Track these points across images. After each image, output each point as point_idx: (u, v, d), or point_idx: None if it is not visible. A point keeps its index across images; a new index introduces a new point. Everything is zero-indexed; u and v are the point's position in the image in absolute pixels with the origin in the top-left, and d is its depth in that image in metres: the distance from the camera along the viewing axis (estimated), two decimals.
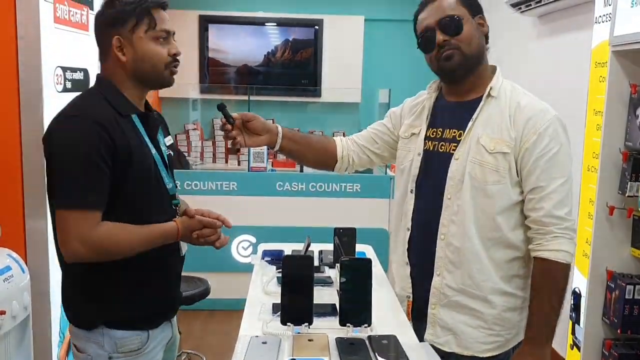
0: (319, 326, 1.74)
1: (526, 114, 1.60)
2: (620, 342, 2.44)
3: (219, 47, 6.03)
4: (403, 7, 6.14)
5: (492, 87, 1.66)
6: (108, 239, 1.52)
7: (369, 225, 4.22)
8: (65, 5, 2.35)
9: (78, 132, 1.50)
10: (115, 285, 1.61)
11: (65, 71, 2.35)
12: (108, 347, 1.60)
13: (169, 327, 1.78)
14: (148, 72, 1.62)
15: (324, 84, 6.06)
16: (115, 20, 1.58)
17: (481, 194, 1.62)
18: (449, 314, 1.70)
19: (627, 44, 2.25)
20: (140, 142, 1.61)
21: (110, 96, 1.59)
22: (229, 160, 5.98)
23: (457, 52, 1.63)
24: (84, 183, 1.49)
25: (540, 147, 1.58)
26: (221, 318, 4.25)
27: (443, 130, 1.72)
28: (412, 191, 1.77)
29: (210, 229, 1.71)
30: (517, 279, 1.70)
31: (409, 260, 1.78)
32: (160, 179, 1.68)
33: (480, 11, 1.69)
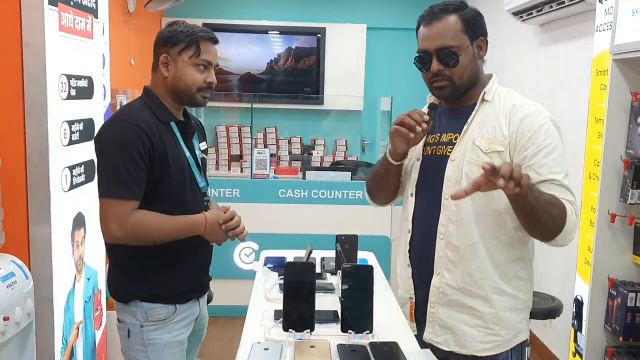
0: (321, 333, 1.74)
1: (521, 113, 1.65)
2: (623, 350, 2.43)
3: (222, 55, 6.02)
4: (405, 15, 6.18)
5: (485, 92, 1.71)
6: (141, 224, 1.80)
7: (371, 233, 4.23)
8: (70, 13, 2.37)
9: (122, 133, 1.80)
10: (148, 268, 1.89)
11: (70, 79, 2.37)
12: (140, 316, 1.89)
13: (197, 306, 2.03)
14: (182, 90, 1.90)
15: (327, 91, 6.08)
16: (168, 40, 1.88)
17: (480, 194, 1.60)
18: (448, 313, 1.72)
19: (628, 52, 2.26)
20: (176, 146, 1.90)
21: (153, 106, 1.90)
22: (232, 167, 6.00)
23: (449, 83, 1.68)
24: (123, 176, 1.77)
25: (536, 143, 1.61)
26: (223, 324, 4.24)
27: (440, 135, 1.77)
28: (412, 194, 1.81)
29: (235, 220, 1.93)
30: (517, 281, 1.72)
31: (410, 262, 1.81)
32: (193, 178, 1.95)
33: (482, 33, 1.70)
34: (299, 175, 4.98)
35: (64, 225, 2.34)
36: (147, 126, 1.82)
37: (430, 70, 1.68)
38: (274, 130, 6.09)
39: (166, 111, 1.92)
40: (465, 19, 1.67)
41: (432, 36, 1.66)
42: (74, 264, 2.46)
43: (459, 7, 1.68)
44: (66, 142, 2.32)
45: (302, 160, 5.93)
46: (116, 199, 1.79)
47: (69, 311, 2.42)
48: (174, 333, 1.92)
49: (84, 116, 2.50)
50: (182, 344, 1.96)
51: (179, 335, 1.94)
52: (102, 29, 2.80)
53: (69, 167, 2.35)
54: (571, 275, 2.80)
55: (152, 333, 1.90)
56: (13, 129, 2.16)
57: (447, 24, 1.66)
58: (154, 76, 1.94)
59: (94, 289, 2.74)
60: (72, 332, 2.46)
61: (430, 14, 1.69)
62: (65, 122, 2.32)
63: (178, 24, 1.91)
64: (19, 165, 2.18)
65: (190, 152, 1.96)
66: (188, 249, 1.93)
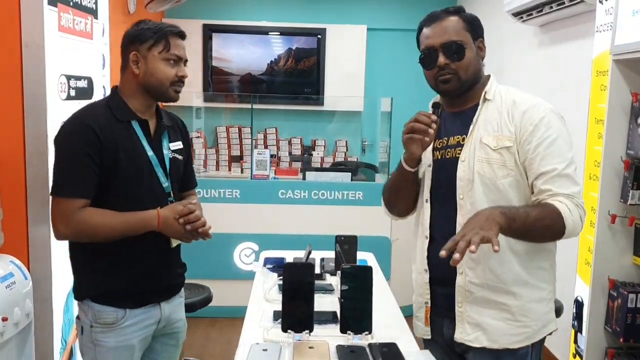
0: (320, 333, 1.74)
1: (522, 108, 1.69)
2: (623, 351, 2.43)
3: (222, 55, 6.05)
4: (405, 16, 6.18)
5: (486, 91, 1.75)
6: (87, 221, 1.79)
7: (371, 233, 4.22)
8: (70, 14, 2.37)
9: (71, 132, 1.82)
10: (98, 268, 1.88)
11: (70, 79, 2.37)
12: (90, 317, 1.87)
13: (156, 310, 1.95)
14: (155, 86, 1.89)
15: (327, 92, 6.07)
16: (136, 38, 1.88)
17: (494, 190, 1.67)
18: (476, 310, 1.71)
19: (628, 52, 2.26)
20: (133, 144, 1.88)
21: (113, 105, 1.89)
22: (232, 168, 5.99)
23: (455, 77, 1.71)
24: (70, 174, 1.80)
25: (537, 136, 1.65)
26: (223, 325, 4.24)
27: (447, 139, 1.79)
28: (427, 200, 1.82)
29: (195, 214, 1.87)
30: (541, 271, 1.74)
31: (428, 267, 1.82)
32: (155, 177, 1.92)
33: (481, 34, 1.77)
34: (299, 176, 4.97)
35: None
36: (98, 125, 1.81)
37: (436, 65, 1.71)
38: (274, 131, 6.08)
39: (126, 110, 1.89)
40: (466, 19, 1.74)
41: (437, 33, 1.72)
42: None
43: (458, 10, 1.76)
44: None
45: (302, 161, 5.92)
46: (63, 197, 1.79)
47: (68, 311, 2.42)
48: (121, 338, 1.87)
49: None
50: (130, 348, 1.89)
51: (128, 340, 1.88)
52: (102, 30, 2.80)
53: None
54: (571, 276, 2.79)
55: (100, 335, 1.87)
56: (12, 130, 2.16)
57: (450, 22, 1.72)
58: (123, 76, 1.93)
59: None
60: (71, 333, 2.46)
61: (432, 17, 1.75)
62: None
63: (144, 22, 1.91)
64: (18, 165, 2.18)
65: (155, 151, 1.92)
66: (140, 250, 1.88)
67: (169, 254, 1.97)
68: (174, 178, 1.98)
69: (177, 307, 2.05)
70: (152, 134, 1.94)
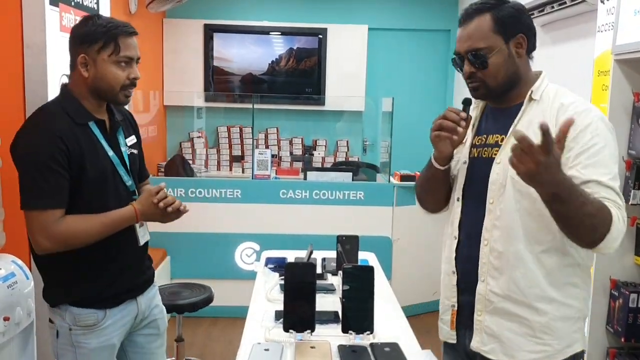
0: (321, 333, 1.74)
1: (569, 113, 1.55)
2: (624, 351, 2.42)
3: (223, 55, 6.06)
4: (406, 16, 6.19)
5: (533, 91, 1.63)
6: (69, 231, 1.76)
7: (372, 233, 4.23)
8: (71, 13, 2.37)
9: (36, 142, 1.73)
10: (73, 273, 1.85)
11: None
12: (69, 320, 1.85)
13: (133, 305, 1.97)
14: (104, 90, 1.82)
15: (328, 92, 6.07)
16: (84, 39, 1.79)
17: (526, 198, 1.56)
18: (495, 321, 1.62)
19: (629, 52, 2.26)
20: (95, 147, 1.83)
21: (69, 107, 1.82)
22: (233, 167, 6.00)
23: (482, 85, 1.63)
24: (43, 186, 1.73)
25: (581, 143, 1.51)
26: (224, 325, 4.24)
27: (487, 137, 1.70)
28: (458, 199, 1.74)
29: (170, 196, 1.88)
30: (571, 288, 1.60)
31: (455, 269, 1.73)
32: (118, 177, 1.89)
33: (521, 29, 1.62)
34: (300, 176, 4.97)
35: None
36: (61, 131, 1.75)
37: (463, 72, 1.64)
38: (275, 130, 6.09)
39: (83, 112, 1.83)
40: (498, 18, 1.59)
41: (463, 38, 1.63)
42: None
43: (494, 5, 1.61)
44: None
45: (303, 160, 5.92)
46: (39, 210, 1.73)
47: None
48: (102, 338, 1.88)
49: None
50: (112, 347, 1.91)
51: (109, 340, 1.89)
52: None
53: None
54: None
55: (81, 337, 1.85)
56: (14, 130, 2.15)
57: (477, 25, 1.60)
58: (72, 75, 1.86)
59: None
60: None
61: (465, 15, 1.64)
62: None
63: (93, 20, 1.80)
64: None
65: (114, 150, 1.89)
66: (112, 251, 1.88)
67: (139, 251, 1.98)
68: (134, 174, 1.97)
69: (152, 297, 2.07)
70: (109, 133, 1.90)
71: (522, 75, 1.64)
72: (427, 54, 6.19)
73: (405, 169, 4.65)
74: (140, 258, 2.01)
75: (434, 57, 6.19)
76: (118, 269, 1.91)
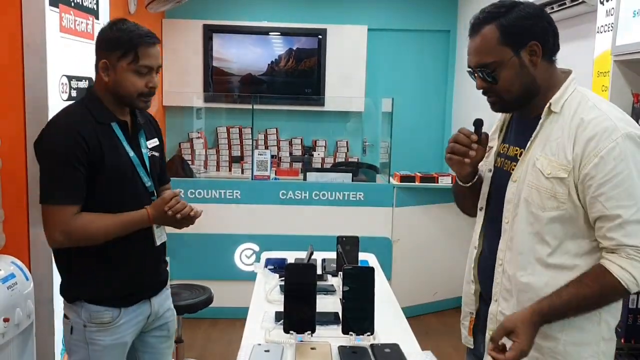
0: (322, 334, 1.74)
1: (588, 132, 1.43)
2: (624, 352, 2.42)
3: (223, 56, 6.05)
4: (406, 17, 6.18)
5: (552, 102, 1.52)
6: (83, 228, 1.80)
7: (372, 234, 4.23)
8: (71, 14, 2.37)
9: (58, 140, 1.79)
10: (91, 271, 1.88)
11: (71, 80, 2.37)
12: (84, 317, 1.88)
13: (146, 305, 2.00)
14: (123, 96, 1.87)
15: (328, 93, 6.07)
16: (106, 45, 1.85)
17: (539, 221, 1.50)
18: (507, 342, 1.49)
19: (629, 53, 2.26)
20: (116, 146, 1.88)
21: (92, 107, 1.87)
22: (233, 168, 5.99)
23: (498, 99, 1.56)
24: (62, 182, 1.78)
25: (604, 172, 1.40)
26: (224, 326, 4.24)
27: (509, 147, 1.65)
28: (481, 209, 1.71)
29: (181, 203, 1.90)
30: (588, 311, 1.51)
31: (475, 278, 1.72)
32: (137, 177, 1.93)
33: (531, 38, 1.51)
34: (300, 177, 4.97)
35: None
36: (82, 129, 1.80)
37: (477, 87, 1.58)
38: (274, 131, 6.08)
39: (106, 112, 1.89)
40: (504, 28, 1.49)
41: (471, 52, 1.56)
42: None
43: (500, 14, 1.51)
44: None
45: (303, 161, 5.92)
46: (57, 205, 1.79)
47: None
48: (116, 336, 1.91)
49: None
50: (124, 345, 1.95)
51: (122, 338, 1.93)
52: None
53: None
54: None
55: (95, 334, 1.89)
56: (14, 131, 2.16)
57: (483, 39, 1.52)
58: (96, 77, 1.91)
59: None
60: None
61: (471, 27, 1.56)
62: None
63: (117, 25, 1.85)
64: (20, 166, 2.18)
65: (135, 151, 1.94)
66: (130, 251, 1.92)
67: (155, 252, 2.01)
68: (154, 176, 2.01)
69: (165, 299, 2.10)
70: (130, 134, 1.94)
71: (541, 84, 1.54)
72: (427, 55, 6.19)
73: (405, 169, 4.65)
74: (156, 259, 2.04)
75: (434, 58, 6.19)
76: (134, 268, 1.94)
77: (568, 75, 1.57)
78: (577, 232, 1.49)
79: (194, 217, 1.95)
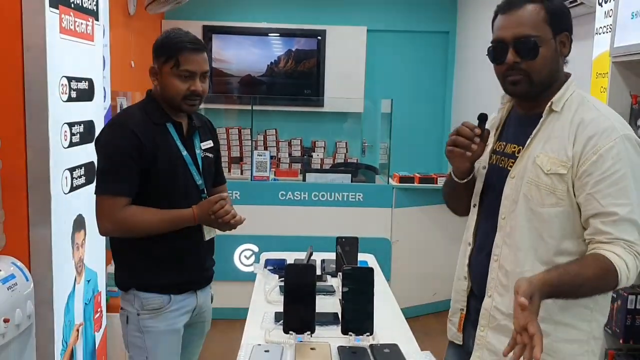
0: (321, 335, 1.75)
1: (589, 131, 1.46)
2: (623, 352, 2.43)
3: (222, 57, 6.06)
4: (405, 18, 6.19)
5: (553, 102, 1.54)
6: (130, 219, 1.94)
7: (372, 235, 4.23)
8: (71, 16, 2.37)
9: (114, 137, 1.97)
10: (144, 260, 2.01)
11: (71, 81, 2.37)
12: (137, 305, 2.01)
13: (193, 297, 2.10)
14: (169, 99, 2.01)
15: (327, 93, 6.08)
16: (155, 51, 2.02)
17: (538, 218, 1.52)
18: (497, 338, 1.58)
19: (627, 54, 2.27)
20: (169, 145, 2.01)
21: (149, 109, 2.04)
22: (232, 169, 5.99)
23: (525, 79, 1.52)
24: (115, 175, 1.94)
25: (601, 169, 1.43)
26: (223, 327, 4.23)
27: (506, 144, 1.65)
28: (475, 205, 1.71)
29: (224, 209, 1.99)
30: (582, 310, 1.53)
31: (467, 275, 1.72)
32: (189, 175, 2.05)
33: (567, 27, 1.54)
34: (299, 178, 4.97)
35: (64, 227, 2.34)
36: (137, 128, 1.95)
37: (505, 62, 1.52)
38: (274, 132, 6.09)
39: (161, 114, 2.03)
40: (549, 9, 1.51)
41: (511, 24, 1.51)
42: (74, 266, 2.46)
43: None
44: (66, 144, 2.33)
45: (302, 162, 5.92)
46: (108, 196, 1.93)
47: (69, 313, 2.42)
48: (169, 322, 2.01)
49: (84, 118, 2.50)
50: (177, 332, 2.05)
51: (175, 324, 2.03)
52: (102, 31, 2.80)
53: (69, 169, 2.35)
54: None
55: (148, 321, 2.00)
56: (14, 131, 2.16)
57: (528, 12, 1.50)
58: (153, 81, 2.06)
59: (93, 291, 2.74)
60: (72, 334, 2.46)
61: (509, 2, 1.54)
62: (66, 124, 2.33)
63: (168, 33, 2.01)
64: (20, 167, 2.18)
65: (188, 151, 2.06)
66: (180, 244, 2.02)
67: (204, 247, 2.12)
68: (206, 175, 2.12)
69: (207, 297, 2.20)
70: (185, 135, 2.07)
71: (559, 76, 1.56)
72: (426, 56, 6.20)
73: (404, 170, 4.65)
74: (204, 253, 2.14)
75: (433, 59, 6.20)
76: (183, 260, 2.05)
77: (568, 77, 1.59)
78: (575, 231, 1.51)
79: (234, 224, 2.04)
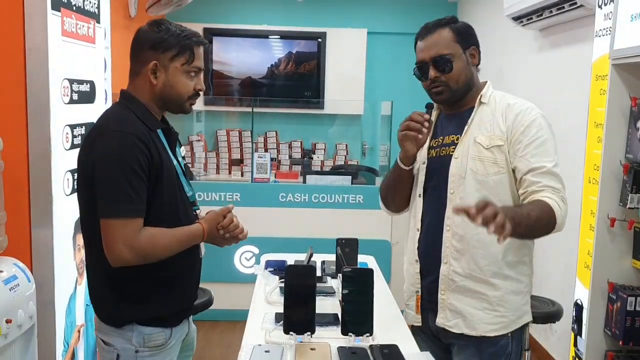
0: (321, 335, 1.75)
1: (515, 110, 1.82)
2: (622, 354, 2.43)
3: (223, 59, 6.08)
4: (405, 20, 6.21)
5: (482, 95, 1.87)
6: (150, 243, 1.65)
7: (371, 237, 4.24)
8: (73, 18, 2.38)
9: (119, 145, 1.63)
10: (146, 287, 1.74)
11: (72, 83, 2.39)
12: (136, 341, 1.72)
13: (186, 325, 1.91)
14: (172, 99, 1.77)
15: (327, 96, 6.09)
16: (158, 45, 1.71)
17: (484, 186, 1.79)
18: (457, 298, 1.83)
19: (627, 57, 2.27)
20: (166, 155, 1.75)
21: (139, 113, 1.73)
22: (232, 171, 6.01)
23: (446, 88, 1.84)
24: (126, 192, 1.61)
25: (529, 135, 1.77)
26: (224, 329, 4.25)
27: (443, 138, 1.91)
28: (420, 195, 1.93)
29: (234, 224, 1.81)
30: (522, 265, 1.85)
31: (418, 257, 1.91)
32: (181, 186, 1.81)
33: (473, 42, 1.88)
34: (300, 179, 4.98)
35: (65, 229, 2.35)
36: (141, 135, 1.66)
37: (428, 78, 1.85)
38: (274, 134, 6.10)
39: (153, 118, 1.77)
40: (456, 30, 1.85)
41: (428, 47, 1.85)
42: (76, 267, 2.47)
43: (450, 21, 1.87)
44: (68, 146, 2.34)
45: (302, 164, 5.94)
46: (122, 219, 1.61)
47: (70, 314, 2.43)
48: (168, 358, 1.79)
49: (85, 120, 2.51)
50: None
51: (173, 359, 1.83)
52: (103, 34, 2.81)
53: (71, 170, 2.36)
54: (571, 280, 2.80)
55: (148, 359, 1.74)
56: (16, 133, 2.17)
57: (440, 36, 1.84)
58: (135, 80, 1.77)
59: None
60: (73, 335, 2.47)
61: (425, 30, 1.88)
62: (68, 126, 2.34)
63: (165, 25, 1.73)
64: (22, 168, 2.19)
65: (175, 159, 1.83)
66: (185, 268, 1.81)
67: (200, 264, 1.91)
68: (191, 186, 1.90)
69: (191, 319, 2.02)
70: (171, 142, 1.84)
71: (475, 82, 1.89)
72: None
73: None
74: (199, 273, 1.92)
75: None
76: (187, 283, 1.83)
77: (486, 82, 1.92)
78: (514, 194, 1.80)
79: (240, 238, 1.84)
